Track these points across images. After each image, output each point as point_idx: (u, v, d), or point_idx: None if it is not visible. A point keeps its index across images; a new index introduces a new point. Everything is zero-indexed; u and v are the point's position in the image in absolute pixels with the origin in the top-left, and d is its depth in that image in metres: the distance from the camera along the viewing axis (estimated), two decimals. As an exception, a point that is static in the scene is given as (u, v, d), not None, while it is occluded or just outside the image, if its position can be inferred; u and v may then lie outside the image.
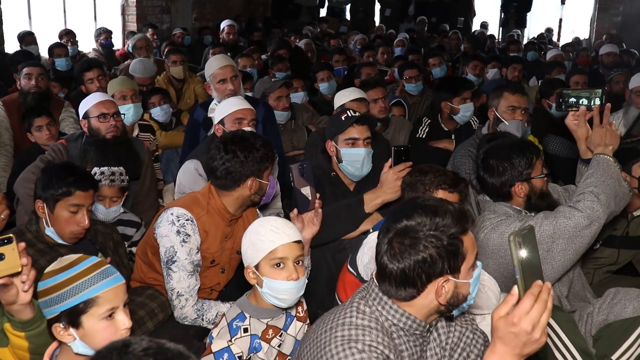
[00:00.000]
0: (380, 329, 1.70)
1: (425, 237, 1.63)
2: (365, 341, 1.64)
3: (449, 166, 4.00)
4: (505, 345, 1.47)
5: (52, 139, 4.00)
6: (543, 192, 2.63)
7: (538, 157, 2.63)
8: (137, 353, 1.10)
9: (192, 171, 3.27)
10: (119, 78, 4.45)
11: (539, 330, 1.44)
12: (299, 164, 2.53)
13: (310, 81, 6.04)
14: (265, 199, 2.73)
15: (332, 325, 1.71)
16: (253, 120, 3.39)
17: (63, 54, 6.35)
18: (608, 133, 2.57)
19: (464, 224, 1.66)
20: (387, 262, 1.67)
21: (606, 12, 12.82)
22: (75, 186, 2.53)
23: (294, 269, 2.09)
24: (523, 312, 1.43)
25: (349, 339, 1.65)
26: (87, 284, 1.70)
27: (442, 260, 1.63)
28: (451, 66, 8.54)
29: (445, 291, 1.65)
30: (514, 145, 2.68)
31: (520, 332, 1.44)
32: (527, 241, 1.48)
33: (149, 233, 2.74)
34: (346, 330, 1.68)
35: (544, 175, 2.65)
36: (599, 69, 7.94)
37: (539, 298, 1.44)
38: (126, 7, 9.36)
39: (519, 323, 1.43)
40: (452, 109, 4.50)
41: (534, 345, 1.46)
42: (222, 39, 8.36)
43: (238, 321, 2.13)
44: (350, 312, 1.73)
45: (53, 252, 2.58)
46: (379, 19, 13.93)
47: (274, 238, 2.08)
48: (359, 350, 1.62)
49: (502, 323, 1.46)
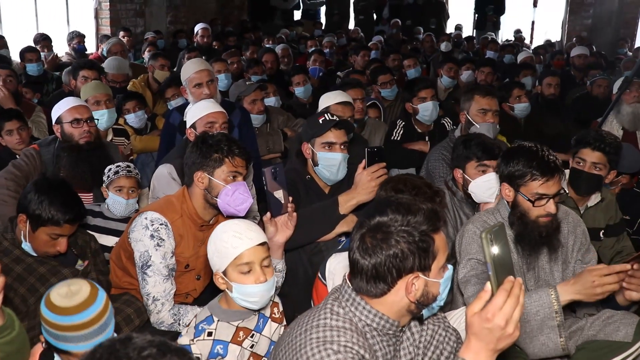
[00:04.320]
0: (354, 330, 1.71)
1: (397, 232, 1.65)
2: (340, 342, 1.66)
3: (423, 169, 4.05)
4: (480, 340, 1.50)
5: (22, 144, 3.96)
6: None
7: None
8: (140, 343, 1.10)
9: (166, 175, 3.26)
10: (93, 83, 4.39)
11: (512, 324, 1.47)
12: (271, 167, 2.52)
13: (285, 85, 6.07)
14: (235, 206, 2.58)
15: (307, 328, 1.72)
16: (225, 123, 3.38)
17: (35, 59, 6.27)
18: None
19: (435, 223, 1.69)
20: (359, 257, 1.70)
21: (577, 15, 13.03)
22: (67, 222, 2.52)
23: (261, 271, 2.10)
24: (496, 307, 1.46)
25: (324, 341, 1.66)
26: (87, 337, 1.72)
27: (412, 256, 1.65)
28: (425, 68, 8.61)
29: (416, 289, 1.68)
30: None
31: (494, 328, 1.47)
32: (499, 238, 1.51)
33: (123, 237, 2.73)
34: (321, 332, 1.69)
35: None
36: (570, 71, 8.09)
37: (511, 293, 1.47)
38: (99, 11, 9.25)
39: (493, 318, 1.46)
40: (414, 110, 4.54)
41: (507, 340, 1.49)
42: (197, 42, 8.32)
43: (205, 324, 2.14)
44: (325, 314, 1.75)
45: (29, 258, 2.57)
46: (353, 22, 13.98)
47: (237, 244, 2.08)
48: (334, 351, 1.63)
49: (477, 319, 1.49)
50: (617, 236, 3.39)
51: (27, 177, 3.29)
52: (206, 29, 8.33)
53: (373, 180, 2.81)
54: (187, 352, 1.14)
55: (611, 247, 3.37)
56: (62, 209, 2.49)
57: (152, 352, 1.09)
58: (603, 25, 12.28)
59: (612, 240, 3.37)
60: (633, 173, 3.90)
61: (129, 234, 2.61)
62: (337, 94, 4.05)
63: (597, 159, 3.18)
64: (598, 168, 3.20)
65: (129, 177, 3.25)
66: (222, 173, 2.58)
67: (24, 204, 2.53)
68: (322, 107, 3.96)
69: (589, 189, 3.26)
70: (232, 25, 11.62)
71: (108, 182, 3.23)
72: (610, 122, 5.04)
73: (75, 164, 3.34)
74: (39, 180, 2.67)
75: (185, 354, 1.13)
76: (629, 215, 3.81)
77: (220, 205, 2.59)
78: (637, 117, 4.91)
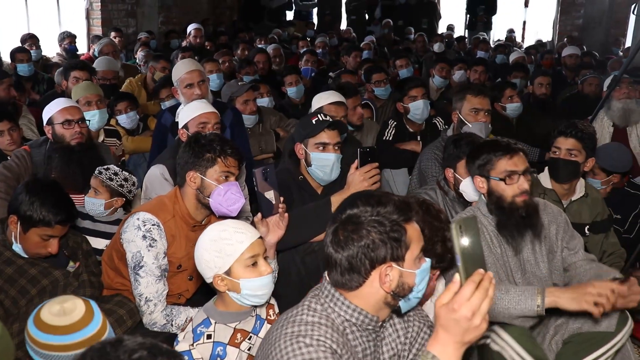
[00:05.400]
0: (330, 325, 1.72)
1: (368, 223, 1.68)
2: (313, 336, 1.67)
3: (415, 169, 4.06)
4: (447, 332, 1.49)
5: (13, 145, 3.94)
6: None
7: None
8: (131, 346, 1.10)
9: (158, 176, 3.25)
10: (84, 83, 4.37)
11: (479, 316, 1.46)
12: (262, 168, 2.51)
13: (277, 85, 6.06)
14: (227, 206, 2.59)
15: (284, 324, 1.74)
16: (217, 124, 3.38)
17: (25, 59, 6.24)
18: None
19: (407, 213, 1.71)
20: (333, 251, 1.72)
21: (568, 15, 13.09)
22: (59, 222, 2.50)
23: (265, 263, 2.13)
24: (463, 298, 1.45)
25: (297, 334, 1.68)
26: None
27: (384, 246, 1.67)
28: (417, 68, 8.63)
29: (390, 279, 1.69)
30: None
31: (460, 319, 1.46)
32: (469, 229, 1.48)
33: (115, 238, 2.72)
34: (296, 327, 1.71)
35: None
36: (562, 71, 8.13)
37: (480, 286, 1.46)
38: (91, 11, 9.20)
39: (459, 309, 1.45)
40: (405, 109, 4.55)
41: (475, 332, 1.48)
42: (189, 42, 8.31)
43: (202, 327, 2.13)
44: (302, 310, 1.77)
45: (20, 260, 2.56)
46: (345, 23, 13.98)
47: (242, 239, 2.08)
48: (306, 344, 1.64)
49: (444, 310, 1.48)
50: (604, 233, 3.41)
51: (17, 179, 3.28)
52: (199, 29, 8.32)
53: (366, 181, 2.82)
54: (178, 354, 1.14)
55: (598, 243, 3.40)
56: (54, 210, 2.48)
57: (143, 355, 1.08)
58: (594, 25, 12.36)
59: (599, 237, 3.40)
60: (624, 172, 3.92)
61: (121, 235, 2.60)
62: (330, 94, 4.05)
63: (571, 145, 3.28)
64: (573, 155, 3.28)
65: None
66: (215, 173, 2.58)
67: (15, 205, 2.52)
68: (315, 107, 3.96)
69: (568, 175, 3.31)
70: (224, 25, 11.61)
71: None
72: (600, 119, 5.07)
73: (66, 165, 3.33)
74: (30, 181, 2.66)
75: (177, 356, 1.13)
76: (620, 215, 3.84)
77: (212, 205, 2.59)
78: (628, 112, 4.95)
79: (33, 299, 2.54)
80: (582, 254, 2.74)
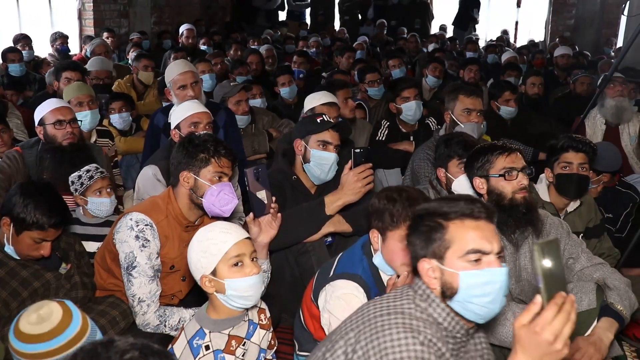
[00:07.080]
0: (436, 326, 1.66)
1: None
2: (427, 334, 1.60)
3: (408, 169, 4.06)
4: (526, 353, 1.47)
5: (4, 146, 3.90)
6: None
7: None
8: (123, 346, 1.10)
9: (151, 177, 3.25)
10: (75, 84, 4.35)
11: (561, 341, 1.43)
12: (253, 168, 2.51)
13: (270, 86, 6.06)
14: (220, 207, 2.59)
15: (390, 311, 1.67)
16: (209, 124, 3.38)
17: (17, 59, 6.22)
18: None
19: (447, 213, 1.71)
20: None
21: (560, 15, 13.14)
22: (52, 226, 2.49)
23: (252, 263, 2.09)
24: (546, 321, 1.43)
25: (411, 328, 1.60)
26: None
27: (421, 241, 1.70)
28: (410, 68, 8.65)
29: (433, 276, 1.67)
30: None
31: (542, 342, 1.43)
32: (552, 252, 1.49)
33: (107, 239, 2.71)
34: (407, 319, 1.64)
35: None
36: (554, 71, 8.16)
37: (562, 309, 1.44)
38: (83, 12, 9.15)
39: (542, 332, 1.43)
40: (398, 110, 4.55)
41: (554, 356, 1.45)
42: (181, 43, 8.29)
43: (198, 339, 2.07)
44: (408, 304, 1.70)
45: (12, 262, 2.55)
46: (339, 23, 13.99)
47: (226, 238, 2.07)
48: (420, 342, 1.57)
49: (524, 331, 1.46)
50: (598, 237, 3.40)
51: (9, 180, 3.27)
52: (191, 30, 8.29)
53: (359, 181, 2.83)
54: (170, 355, 1.13)
55: (592, 248, 3.39)
56: (48, 213, 2.47)
57: (134, 355, 1.08)
58: (586, 26, 12.42)
59: (594, 242, 3.38)
60: (614, 171, 3.94)
61: (113, 235, 2.59)
62: (323, 95, 4.06)
63: (582, 159, 3.22)
64: (584, 169, 3.23)
65: (104, 177, 3.20)
66: (208, 173, 2.58)
67: (8, 206, 2.50)
68: (308, 108, 3.97)
69: (580, 190, 3.27)
70: (217, 26, 11.59)
71: (84, 189, 3.15)
72: (593, 117, 5.08)
73: (58, 166, 3.31)
74: (24, 183, 2.64)
75: (168, 356, 1.12)
76: (611, 214, 3.85)
77: (205, 205, 2.59)
78: (620, 110, 4.95)
79: (24, 301, 2.52)
80: (585, 260, 2.71)
